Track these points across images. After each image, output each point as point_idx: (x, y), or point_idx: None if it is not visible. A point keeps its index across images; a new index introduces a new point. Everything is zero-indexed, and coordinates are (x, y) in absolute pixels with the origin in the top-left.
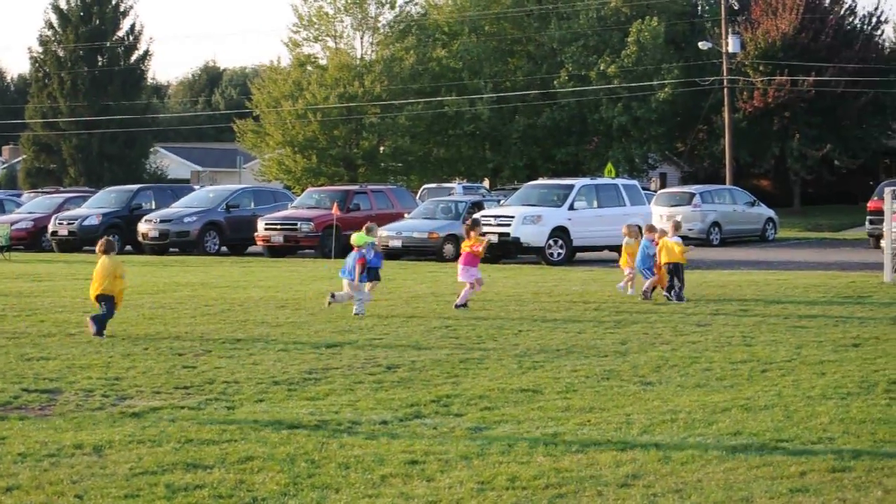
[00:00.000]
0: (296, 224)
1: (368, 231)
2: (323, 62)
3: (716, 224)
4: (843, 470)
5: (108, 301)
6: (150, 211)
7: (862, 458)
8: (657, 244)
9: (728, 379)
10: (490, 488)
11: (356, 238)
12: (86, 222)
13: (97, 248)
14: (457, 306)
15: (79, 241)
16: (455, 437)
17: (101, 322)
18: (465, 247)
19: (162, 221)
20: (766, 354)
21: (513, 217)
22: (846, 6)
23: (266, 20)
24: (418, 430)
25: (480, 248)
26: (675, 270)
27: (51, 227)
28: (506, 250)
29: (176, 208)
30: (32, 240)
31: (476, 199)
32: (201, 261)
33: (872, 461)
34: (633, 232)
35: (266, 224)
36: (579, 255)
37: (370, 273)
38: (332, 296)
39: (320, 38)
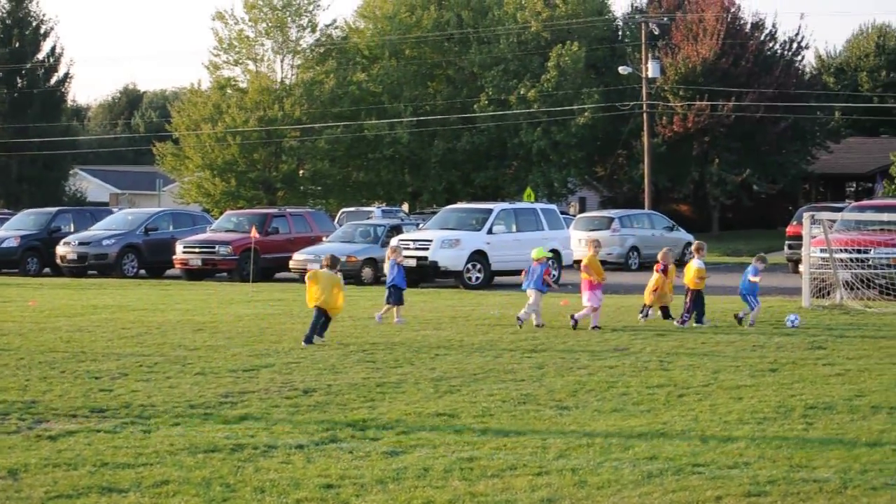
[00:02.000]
0: (214, 247)
1: (394, 252)
2: (243, 85)
3: (634, 248)
4: (759, 494)
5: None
6: (69, 233)
7: (778, 483)
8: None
9: (645, 404)
10: None
11: (536, 252)
12: (4, 244)
13: (322, 262)
14: (593, 328)
15: None
16: (371, 461)
17: (312, 329)
18: (587, 274)
19: (80, 244)
20: (683, 379)
21: (431, 241)
22: (767, 32)
23: (186, 43)
24: (334, 453)
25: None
26: (694, 296)
27: None
28: (424, 274)
29: (95, 231)
30: None
31: (395, 222)
32: (119, 283)
33: (788, 486)
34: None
35: (184, 247)
36: (497, 278)
37: (397, 295)
38: (520, 319)
39: (241, 61)
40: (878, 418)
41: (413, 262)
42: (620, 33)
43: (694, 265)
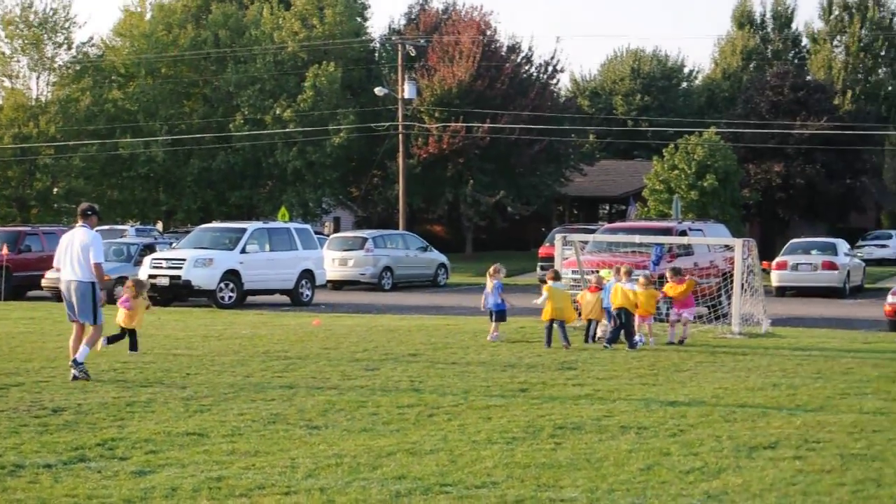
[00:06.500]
0: None
1: (496, 272)
2: None
3: (388, 269)
4: None
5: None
6: None
7: (525, 503)
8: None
9: (395, 423)
10: None
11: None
12: None
13: (547, 276)
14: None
15: None
16: (119, 481)
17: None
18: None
19: None
20: (433, 399)
21: (184, 260)
22: (523, 55)
23: None
24: (82, 473)
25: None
26: (627, 317)
27: None
28: (177, 293)
29: None
30: None
31: (149, 241)
32: None
33: None
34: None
35: None
36: (250, 298)
37: (499, 315)
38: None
39: None
40: (626, 438)
41: (166, 281)
42: (377, 54)
43: (629, 288)
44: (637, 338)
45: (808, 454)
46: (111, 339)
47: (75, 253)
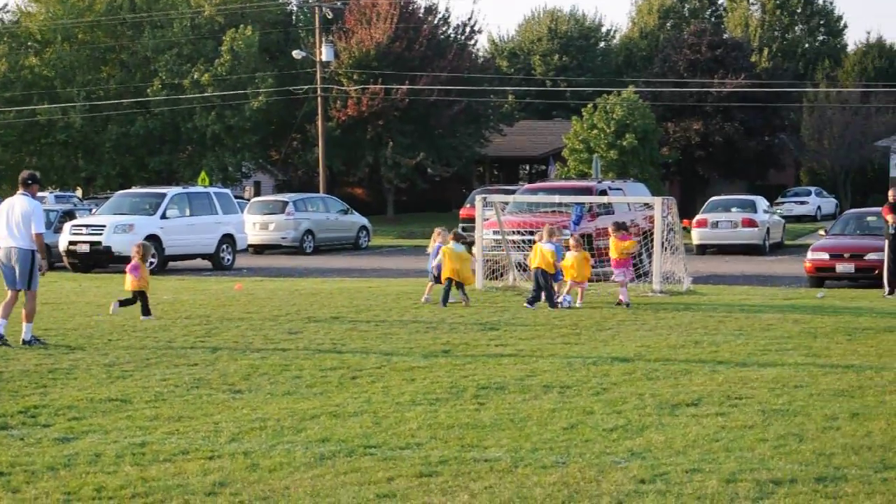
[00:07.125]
0: None
1: (439, 235)
2: None
3: (309, 232)
4: (431, 475)
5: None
6: None
7: (449, 463)
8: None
9: (318, 386)
10: (77, 499)
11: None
12: None
13: (448, 238)
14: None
15: None
16: (42, 448)
17: (445, 295)
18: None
19: None
20: (356, 361)
21: (104, 226)
22: (440, 16)
23: None
24: (5, 440)
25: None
26: (545, 277)
27: None
28: (97, 259)
29: None
30: None
31: (68, 208)
32: None
33: (459, 466)
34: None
35: None
36: (172, 263)
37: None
38: None
39: None
40: (549, 398)
41: (86, 248)
42: (294, 17)
43: (547, 247)
44: (563, 298)
45: (731, 410)
46: (123, 303)
47: (15, 220)
